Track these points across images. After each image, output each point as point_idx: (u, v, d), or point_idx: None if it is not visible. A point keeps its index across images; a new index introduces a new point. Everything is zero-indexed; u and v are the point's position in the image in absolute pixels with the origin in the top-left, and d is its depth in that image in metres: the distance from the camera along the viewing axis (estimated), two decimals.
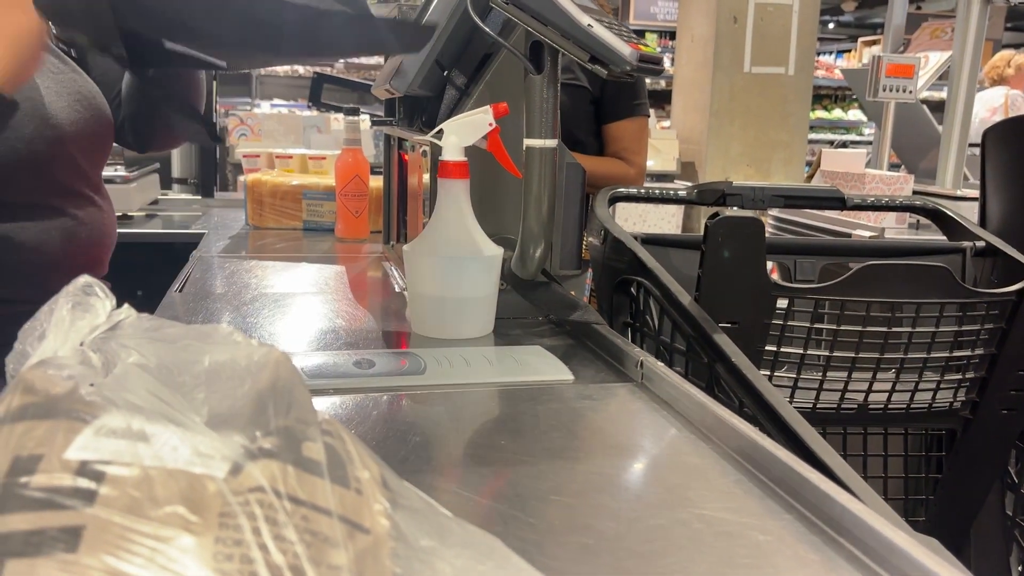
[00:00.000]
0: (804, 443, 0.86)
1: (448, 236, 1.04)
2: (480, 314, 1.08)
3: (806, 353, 1.26)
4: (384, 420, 0.78)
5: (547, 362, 0.96)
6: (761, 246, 1.22)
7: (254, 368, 0.49)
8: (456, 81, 1.18)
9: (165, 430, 0.43)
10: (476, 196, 1.08)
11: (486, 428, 0.79)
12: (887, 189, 2.38)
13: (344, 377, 0.88)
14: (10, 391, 0.44)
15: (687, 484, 0.65)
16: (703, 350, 1.10)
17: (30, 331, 0.54)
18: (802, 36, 4.45)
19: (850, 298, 1.23)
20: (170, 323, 0.54)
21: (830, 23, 11.00)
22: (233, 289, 1.34)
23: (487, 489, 0.65)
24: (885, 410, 1.36)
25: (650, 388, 0.88)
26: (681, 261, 1.55)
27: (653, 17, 9.24)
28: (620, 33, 0.89)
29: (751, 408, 0.98)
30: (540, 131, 0.99)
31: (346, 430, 0.50)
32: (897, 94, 2.97)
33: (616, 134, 2.07)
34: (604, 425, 0.78)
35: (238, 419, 0.46)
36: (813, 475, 0.62)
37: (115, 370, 0.50)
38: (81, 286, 0.56)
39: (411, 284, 1.07)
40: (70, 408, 0.42)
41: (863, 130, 7.73)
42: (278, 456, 0.42)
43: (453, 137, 1.03)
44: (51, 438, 0.40)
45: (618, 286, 1.40)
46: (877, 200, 1.72)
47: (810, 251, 1.56)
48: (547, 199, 1.02)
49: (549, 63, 0.97)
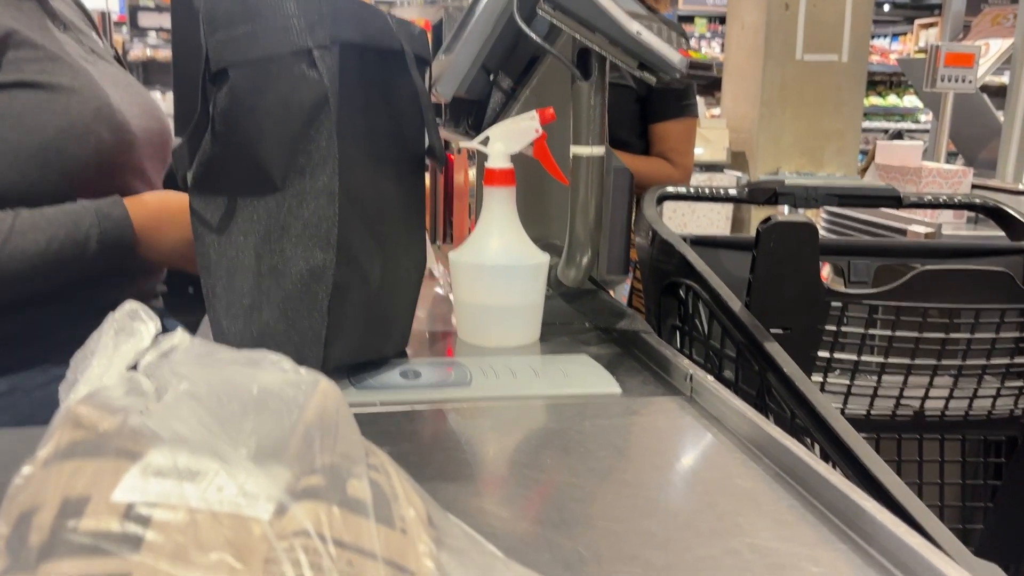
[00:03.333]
0: (857, 458, 0.84)
1: (494, 244, 1.03)
2: (526, 322, 1.07)
3: (860, 359, 1.23)
4: (429, 435, 0.78)
5: (594, 373, 0.95)
6: (814, 251, 1.19)
7: (301, 398, 0.49)
8: (502, 84, 1.17)
9: (211, 467, 0.43)
10: (522, 201, 1.07)
11: (532, 445, 0.78)
12: (945, 184, 2.31)
13: (390, 389, 0.88)
14: (60, 426, 0.45)
15: (738, 510, 0.64)
16: (754, 358, 1.08)
17: (80, 359, 0.54)
18: (856, 22, 4.35)
19: (906, 303, 1.20)
20: (221, 348, 0.55)
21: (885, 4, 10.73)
22: None
23: (533, 512, 0.64)
24: (942, 417, 1.33)
25: (699, 402, 0.86)
26: (732, 262, 1.53)
27: (703, 2, 9.12)
28: (669, 39, 0.87)
29: (803, 420, 0.96)
30: (587, 138, 0.98)
31: (391, 462, 0.50)
32: (956, 84, 2.88)
33: (662, 134, 2.04)
34: (652, 444, 0.77)
35: (285, 453, 0.46)
36: (868, 503, 0.60)
37: (166, 397, 0.50)
38: (127, 312, 0.56)
39: (457, 292, 1.07)
40: (118, 445, 0.43)
41: (919, 117, 7.54)
42: (323, 496, 0.42)
43: (499, 144, 1.02)
44: (99, 479, 0.40)
45: (666, 288, 1.38)
46: (934, 198, 1.67)
47: (865, 252, 1.52)
48: (594, 207, 1.01)
49: (597, 70, 0.95)
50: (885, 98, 7.76)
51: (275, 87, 0.83)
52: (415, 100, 0.93)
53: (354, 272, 0.88)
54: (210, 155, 0.88)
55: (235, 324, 0.90)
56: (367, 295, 0.91)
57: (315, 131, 0.84)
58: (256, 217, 0.88)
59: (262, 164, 0.86)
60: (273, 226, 0.87)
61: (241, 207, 0.89)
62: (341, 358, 0.90)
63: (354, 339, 0.91)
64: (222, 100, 0.85)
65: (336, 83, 0.83)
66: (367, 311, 0.92)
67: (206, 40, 0.84)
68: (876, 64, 7.53)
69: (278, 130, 0.84)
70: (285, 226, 0.87)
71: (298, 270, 0.86)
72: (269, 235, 0.87)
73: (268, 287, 0.88)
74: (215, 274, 0.91)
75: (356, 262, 0.89)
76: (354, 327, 0.90)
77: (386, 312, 0.96)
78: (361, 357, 0.94)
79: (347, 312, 0.88)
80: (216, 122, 0.86)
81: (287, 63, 0.82)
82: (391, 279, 0.95)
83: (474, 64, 1.12)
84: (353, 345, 0.91)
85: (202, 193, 0.90)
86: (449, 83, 1.12)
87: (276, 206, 0.87)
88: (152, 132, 1.24)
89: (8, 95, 1.05)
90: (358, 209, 0.88)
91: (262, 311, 0.88)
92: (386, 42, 0.90)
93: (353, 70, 0.85)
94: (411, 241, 0.99)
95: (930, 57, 2.91)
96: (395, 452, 0.72)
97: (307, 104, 0.83)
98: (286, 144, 0.84)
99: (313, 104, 0.83)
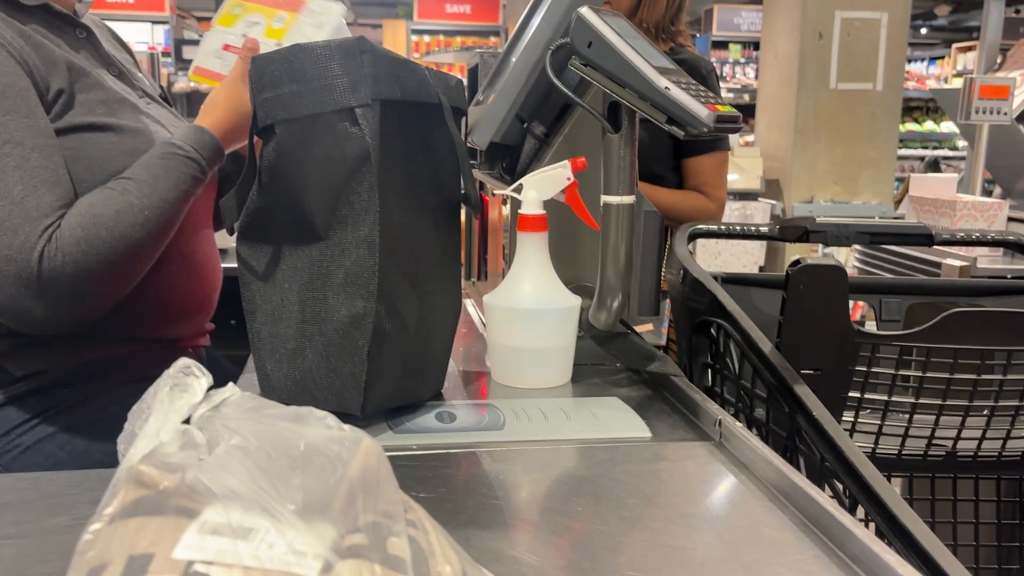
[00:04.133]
0: (885, 505, 0.85)
1: (526, 288, 1.06)
2: (558, 364, 1.09)
3: (891, 399, 1.24)
4: (464, 480, 0.80)
5: (624, 417, 0.97)
6: (844, 293, 1.20)
7: (345, 454, 0.52)
8: (535, 131, 1.21)
9: (262, 524, 0.46)
10: (554, 243, 1.10)
11: (563, 491, 0.81)
12: (980, 217, 2.31)
13: (427, 432, 0.91)
14: (124, 484, 0.48)
15: (764, 560, 0.66)
16: (784, 399, 1.09)
17: (138, 413, 0.58)
18: (891, 50, 4.35)
19: (937, 345, 1.21)
20: (269, 403, 0.58)
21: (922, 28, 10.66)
22: None
23: (563, 561, 0.66)
24: (975, 457, 1.32)
25: (728, 448, 0.88)
26: (763, 300, 1.54)
27: (737, 28, 9.14)
28: (697, 95, 0.90)
29: (832, 464, 0.97)
30: (618, 188, 1.00)
31: (429, 518, 0.53)
32: (991, 116, 2.87)
33: (696, 168, 2.05)
34: (681, 490, 0.79)
35: (330, 510, 0.48)
36: (891, 556, 0.62)
37: (217, 450, 0.54)
38: (180, 367, 0.60)
39: (491, 334, 1.10)
40: (177, 503, 0.46)
41: (957, 143, 7.47)
42: (366, 555, 0.44)
43: (532, 192, 1.06)
44: (160, 537, 0.43)
45: (698, 327, 1.40)
46: (967, 235, 1.67)
47: (896, 290, 1.53)
48: (624, 252, 1.04)
49: (627, 122, 0.98)
50: (922, 124, 7.70)
51: (319, 143, 0.87)
52: (452, 149, 0.96)
53: (393, 319, 0.92)
54: (257, 206, 0.92)
55: (279, 368, 0.94)
56: (405, 341, 0.94)
57: (357, 183, 0.88)
58: (300, 265, 0.92)
59: (306, 215, 0.90)
60: (316, 274, 0.91)
61: (286, 255, 0.93)
62: (379, 403, 0.94)
63: (392, 384, 0.94)
64: (269, 154, 0.89)
65: (377, 139, 0.87)
66: (405, 356, 0.95)
67: (254, 98, 0.88)
68: (912, 90, 7.48)
69: (322, 183, 0.88)
70: (327, 275, 0.90)
71: (339, 317, 0.90)
72: (312, 283, 0.91)
73: (311, 333, 0.92)
74: (260, 319, 0.95)
75: (395, 309, 0.92)
76: (392, 372, 0.93)
77: (423, 356, 0.99)
78: (398, 402, 0.97)
79: (385, 358, 0.91)
80: (263, 175, 0.90)
81: (331, 120, 0.86)
82: (428, 324, 0.98)
83: (508, 113, 1.15)
84: (391, 390, 0.95)
85: (249, 242, 0.94)
86: (485, 132, 1.16)
87: (319, 255, 0.90)
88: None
89: (80, 137, 1.11)
90: (397, 257, 0.92)
91: (305, 355, 0.92)
92: (424, 96, 0.93)
93: (393, 124, 0.89)
94: (447, 287, 1.03)
95: (964, 89, 2.90)
96: (431, 497, 0.76)
97: (350, 158, 0.87)
98: (329, 196, 0.88)
99: (355, 158, 0.87)
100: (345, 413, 0.91)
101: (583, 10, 0.97)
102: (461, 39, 9.14)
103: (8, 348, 1.13)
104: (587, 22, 0.96)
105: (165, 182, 1.12)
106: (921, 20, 10.00)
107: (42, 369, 1.14)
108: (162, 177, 1.12)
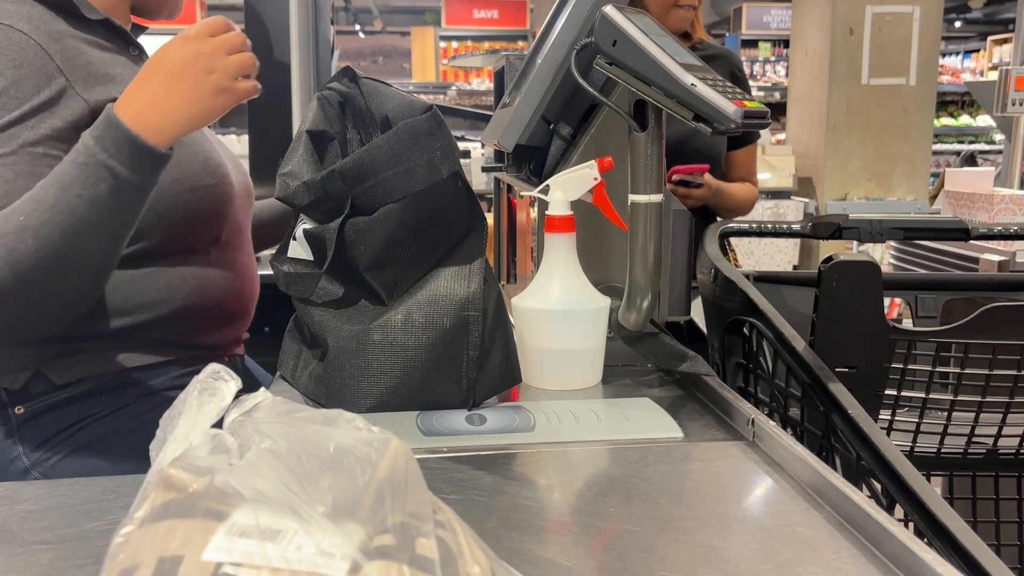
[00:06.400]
0: (924, 503, 0.84)
1: (555, 289, 1.06)
2: (588, 365, 1.09)
3: (928, 397, 1.22)
4: (494, 481, 0.80)
5: (656, 417, 0.96)
6: (878, 289, 1.19)
7: (374, 455, 0.52)
8: (562, 132, 1.20)
9: (291, 525, 0.46)
10: (582, 244, 1.09)
11: (594, 492, 0.80)
12: (1018, 210, 2.26)
13: (457, 435, 0.91)
14: (154, 487, 0.48)
15: (798, 559, 0.65)
16: (818, 398, 1.08)
17: (169, 419, 0.59)
18: (924, 44, 4.28)
19: (976, 341, 1.18)
20: (300, 407, 0.59)
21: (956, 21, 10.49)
22: None
23: (595, 562, 0.66)
24: (1017, 455, 1.30)
25: (761, 447, 0.87)
26: (796, 298, 1.52)
27: (766, 26, 9.08)
28: (724, 91, 0.89)
29: (868, 463, 0.96)
30: (645, 187, 1.00)
31: (457, 518, 0.52)
32: None
33: (742, 160, 2.18)
34: (713, 490, 0.78)
35: (358, 511, 0.48)
36: (928, 555, 0.61)
37: (248, 454, 0.54)
38: (209, 372, 0.61)
39: (520, 336, 1.10)
40: (206, 506, 0.46)
41: (993, 137, 7.34)
42: (394, 556, 0.44)
43: (559, 193, 1.05)
44: (190, 539, 0.44)
45: (730, 326, 1.38)
46: (1004, 228, 1.64)
47: (931, 286, 1.50)
48: (653, 252, 1.03)
49: (653, 121, 0.98)
50: (957, 118, 7.57)
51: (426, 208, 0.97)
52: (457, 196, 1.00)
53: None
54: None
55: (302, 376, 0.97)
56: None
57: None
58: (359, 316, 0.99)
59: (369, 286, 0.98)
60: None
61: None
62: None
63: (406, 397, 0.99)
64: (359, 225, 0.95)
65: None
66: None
67: (351, 190, 0.94)
68: (947, 84, 7.37)
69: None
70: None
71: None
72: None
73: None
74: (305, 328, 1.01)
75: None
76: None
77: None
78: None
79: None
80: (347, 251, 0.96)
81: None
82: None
83: (534, 115, 1.15)
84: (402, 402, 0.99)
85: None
86: (511, 134, 1.16)
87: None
88: (241, 185, 1.33)
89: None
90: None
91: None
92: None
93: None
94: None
95: (1000, 81, 2.85)
96: (462, 499, 0.76)
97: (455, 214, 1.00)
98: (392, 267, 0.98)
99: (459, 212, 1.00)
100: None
101: (607, 8, 0.96)
102: (489, 44, 9.16)
103: (48, 357, 1.15)
104: (611, 20, 0.95)
105: (54, 198, 0.97)
106: (955, 13, 9.85)
107: (81, 377, 1.16)
108: (54, 193, 0.97)
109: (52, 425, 1.15)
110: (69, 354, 1.15)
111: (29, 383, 1.14)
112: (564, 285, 1.06)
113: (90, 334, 1.15)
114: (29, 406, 1.15)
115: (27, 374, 1.14)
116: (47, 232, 0.96)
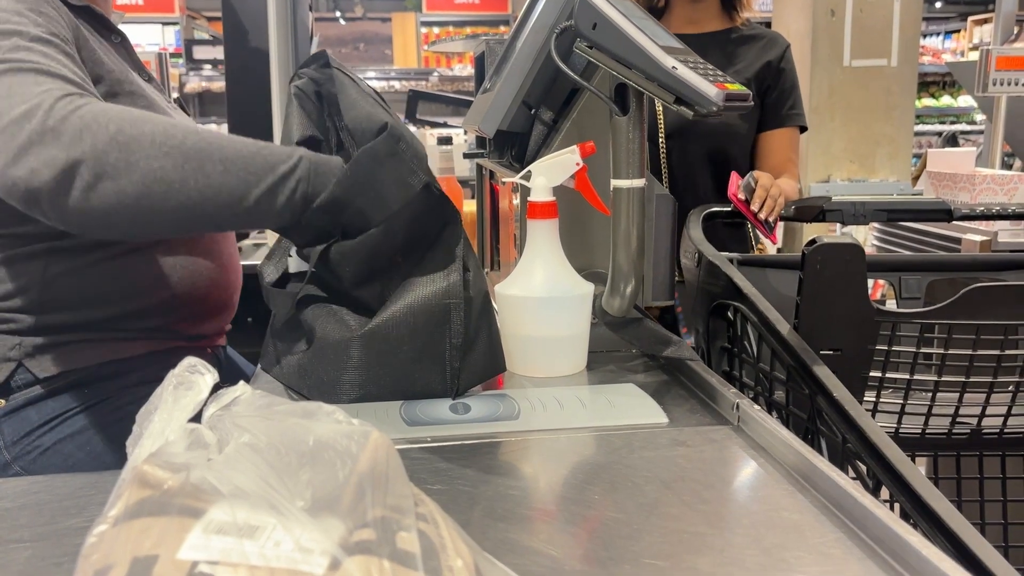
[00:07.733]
0: (909, 484, 0.84)
1: (538, 276, 1.05)
2: (573, 352, 1.08)
3: (913, 378, 1.22)
4: (478, 470, 0.79)
5: (641, 403, 0.96)
6: (862, 271, 1.18)
7: (354, 448, 0.51)
8: (543, 117, 1.19)
9: (269, 521, 0.45)
10: (565, 230, 1.09)
11: (579, 479, 0.80)
12: (1000, 191, 2.27)
13: (440, 424, 0.90)
14: (128, 484, 0.47)
15: (784, 544, 0.65)
16: (803, 381, 1.08)
17: (145, 414, 0.57)
18: (905, 25, 4.27)
19: (959, 321, 1.19)
20: (280, 400, 0.57)
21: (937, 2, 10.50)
22: None
23: (580, 550, 0.65)
24: (1001, 434, 1.30)
25: (746, 431, 0.87)
26: (780, 282, 1.52)
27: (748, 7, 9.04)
28: (705, 73, 0.88)
29: (854, 444, 0.96)
30: (627, 172, 0.99)
31: (440, 511, 0.52)
32: (1009, 88, 2.82)
33: (777, 145, 1.86)
34: (699, 476, 0.78)
35: (338, 505, 0.48)
36: (914, 537, 0.60)
37: (227, 448, 0.53)
38: (186, 366, 0.59)
39: (503, 324, 1.09)
40: (181, 503, 0.45)
41: (975, 117, 7.35)
42: (375, 551, 0.44)
43: (541, 178, 1.04)
44: (165, 538, 0.43)
45: (714, 310, 1.38)
46: (987, 209, 1.65)
47: (915, 267, 1.50)
48: (636, 237, 1.02)
49: (635, 104, 0.97)
50: (938, 99, 7.58)
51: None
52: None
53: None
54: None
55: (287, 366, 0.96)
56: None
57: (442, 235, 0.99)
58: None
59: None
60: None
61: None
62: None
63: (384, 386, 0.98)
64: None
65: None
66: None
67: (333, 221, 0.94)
68: (928, 65, 7.37)
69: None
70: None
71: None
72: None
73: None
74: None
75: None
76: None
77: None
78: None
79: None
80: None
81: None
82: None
83: (515, 100, 1.14)
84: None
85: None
86: (492, 120, 1.15)
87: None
88: None
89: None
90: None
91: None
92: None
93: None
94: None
95: (981, 61, 2.85)
96: (446, 489, 0.75)
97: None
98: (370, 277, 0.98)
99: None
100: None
101: None
102: (471, 29, 9.11)
103: (30, 350, 1.13)
104: (591, 3, 0.94)
105: (228, 175, 0.90)
106: None
107: (64, 370, 1.15)
108: (236, 167, 0.90)
109: (34, 418, 1.14)
110: (53, 346, 1.14)
111: (11, 376, 1.13)
112: (547, 272, 1.06)
113: (75, 324, 1.14)
114: (11, 399, 1.13)
115: (10, 367, 1.13)
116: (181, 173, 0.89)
